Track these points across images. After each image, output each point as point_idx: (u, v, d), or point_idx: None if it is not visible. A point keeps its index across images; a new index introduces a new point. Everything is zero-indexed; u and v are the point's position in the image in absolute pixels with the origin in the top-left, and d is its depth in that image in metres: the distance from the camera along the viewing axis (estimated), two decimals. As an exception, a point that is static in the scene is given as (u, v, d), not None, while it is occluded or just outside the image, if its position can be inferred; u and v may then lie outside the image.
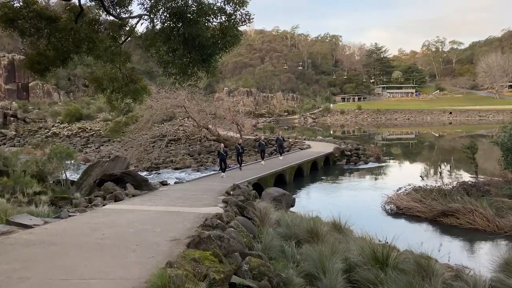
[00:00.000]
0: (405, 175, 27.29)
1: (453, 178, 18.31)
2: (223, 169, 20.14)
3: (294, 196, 17.40)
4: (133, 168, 31.36)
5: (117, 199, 12.43)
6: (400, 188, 18.62)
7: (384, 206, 16.80)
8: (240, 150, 22.23)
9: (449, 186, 16.69)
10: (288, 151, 31.89)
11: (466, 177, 19.39)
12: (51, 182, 22.32)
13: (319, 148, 32.58)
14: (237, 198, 11.93)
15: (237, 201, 11.11)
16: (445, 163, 33.64)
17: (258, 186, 19.06)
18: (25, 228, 7.62)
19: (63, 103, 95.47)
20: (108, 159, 21.33)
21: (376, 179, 25.04)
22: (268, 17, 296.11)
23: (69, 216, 9.16)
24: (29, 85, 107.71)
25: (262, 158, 25.21)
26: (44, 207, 11.99)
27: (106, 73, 11.22)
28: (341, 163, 29.52)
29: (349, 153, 30.25)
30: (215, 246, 5.91)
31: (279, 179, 21.55)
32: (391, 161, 32.92)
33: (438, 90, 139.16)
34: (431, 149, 44.30)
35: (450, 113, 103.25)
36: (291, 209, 15.74)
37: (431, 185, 17.47)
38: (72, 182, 22.29)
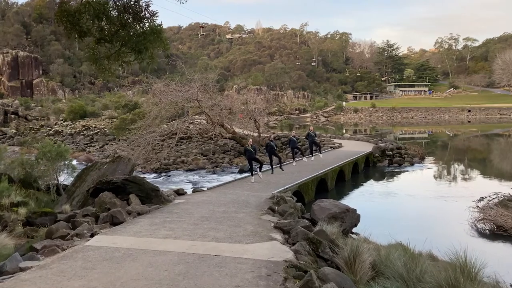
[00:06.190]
0: (464, 178, 23.17)
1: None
2: (251, 172, 15.96)
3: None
4: (140, 170, 27.46)
5: (115, 221, 8.34)
6: (482, 198, 14.46)
7: (475, 224, 12.47)
8: (275, 148, 17.80)
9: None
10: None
11: None
12: (42, 188, 18.45)
13: (352, 147, 28.29)
14: (297, 223, 7.77)
15: (306, 231, 6.92)
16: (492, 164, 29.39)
17: (299, 194, 14.90)
18: None
19: (67, 100, 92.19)
20: (107, 161, 17.22)
21: (433, 184, 20.61)
22: (273, 15, 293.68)
23: (20, 269, 4.95)
24: (33, 82, 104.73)
25: (293, 157, 21.08)
26: (6, 236, 8.04)
27: (87, 2, 5.83)
28: (382, 165, 25.13)
29: (390, 153, 25.86)
30: None
31: (319, 185, 17.33)
32: (438, 162, 28.43)
33: (452, 88, 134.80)
34: (461, 149, 39.78)
35: (469, 111, 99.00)
36: (353, 229, 11.62)
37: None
38: (66, 187, 18.37)
